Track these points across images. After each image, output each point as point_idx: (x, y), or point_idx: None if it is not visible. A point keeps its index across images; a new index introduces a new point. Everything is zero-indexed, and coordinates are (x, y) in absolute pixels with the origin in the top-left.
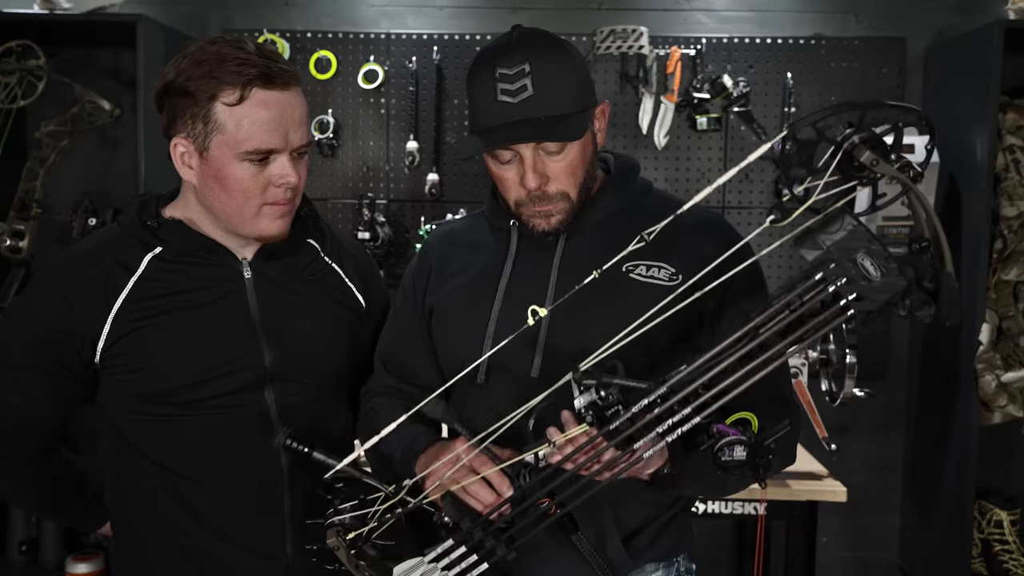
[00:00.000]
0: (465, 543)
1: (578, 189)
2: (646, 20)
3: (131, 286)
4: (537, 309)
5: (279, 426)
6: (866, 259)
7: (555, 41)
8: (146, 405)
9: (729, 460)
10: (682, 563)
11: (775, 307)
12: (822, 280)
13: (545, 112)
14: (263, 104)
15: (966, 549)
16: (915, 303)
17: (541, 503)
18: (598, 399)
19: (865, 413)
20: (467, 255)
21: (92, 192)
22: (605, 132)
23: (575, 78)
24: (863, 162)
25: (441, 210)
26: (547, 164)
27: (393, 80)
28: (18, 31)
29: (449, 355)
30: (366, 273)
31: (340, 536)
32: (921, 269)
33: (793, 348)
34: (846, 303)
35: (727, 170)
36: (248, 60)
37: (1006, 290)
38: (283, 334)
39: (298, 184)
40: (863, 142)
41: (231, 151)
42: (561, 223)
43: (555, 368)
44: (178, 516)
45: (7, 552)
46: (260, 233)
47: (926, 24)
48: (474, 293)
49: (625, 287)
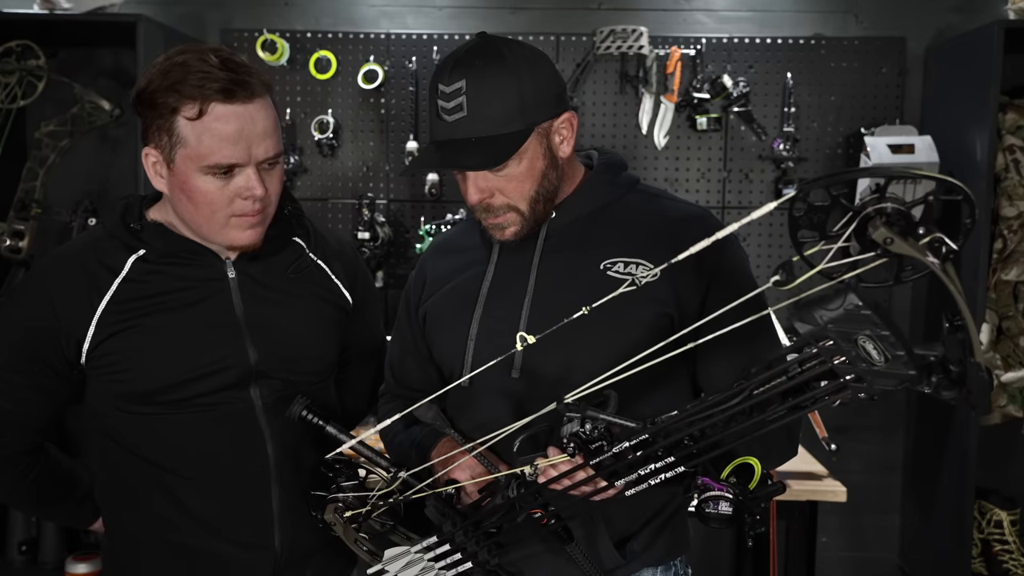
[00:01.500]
0: (449, 543)
1: (528, 202)
2: (646, 20)
3: (115, 288)
4: (525, 336)
5: (283, 411)
6: (868, 342)
7: (501, 57)
8: (133, 404)
9: (712, 513)
10: (679, 566)
11: (772, 370)
12: (817, 355)
13: (476, 133)
14: (223, 118)
15: (966, 549)
16: (941, 383)
17: (534, 513)
18: (582, 432)
19: (865, 413)
20: (456, 262)
21: (92, 192)
22: (571, 142)
23: (515, 97)
24: (875, 239)
25: (441, 210)
26: (488, 178)
27: (393, 80)
28: (18, 31)
29: (441, 359)
30: (352, 269)
31: (338, 513)
32: (950, 349)
33: (789, 417)
34: (844, 382)
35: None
36: (210, 74)
37: (1006, 290)
38: (268, 332)
39: (266, 196)
40: (878, 214)
41: (194, 164)
42: (516, 233)
43: (536, 369)
44: (167, 512)
45: (7, 552)
46: (231, 243)
47: (926, 24)
48: (460, 298)
49: (603, 285)
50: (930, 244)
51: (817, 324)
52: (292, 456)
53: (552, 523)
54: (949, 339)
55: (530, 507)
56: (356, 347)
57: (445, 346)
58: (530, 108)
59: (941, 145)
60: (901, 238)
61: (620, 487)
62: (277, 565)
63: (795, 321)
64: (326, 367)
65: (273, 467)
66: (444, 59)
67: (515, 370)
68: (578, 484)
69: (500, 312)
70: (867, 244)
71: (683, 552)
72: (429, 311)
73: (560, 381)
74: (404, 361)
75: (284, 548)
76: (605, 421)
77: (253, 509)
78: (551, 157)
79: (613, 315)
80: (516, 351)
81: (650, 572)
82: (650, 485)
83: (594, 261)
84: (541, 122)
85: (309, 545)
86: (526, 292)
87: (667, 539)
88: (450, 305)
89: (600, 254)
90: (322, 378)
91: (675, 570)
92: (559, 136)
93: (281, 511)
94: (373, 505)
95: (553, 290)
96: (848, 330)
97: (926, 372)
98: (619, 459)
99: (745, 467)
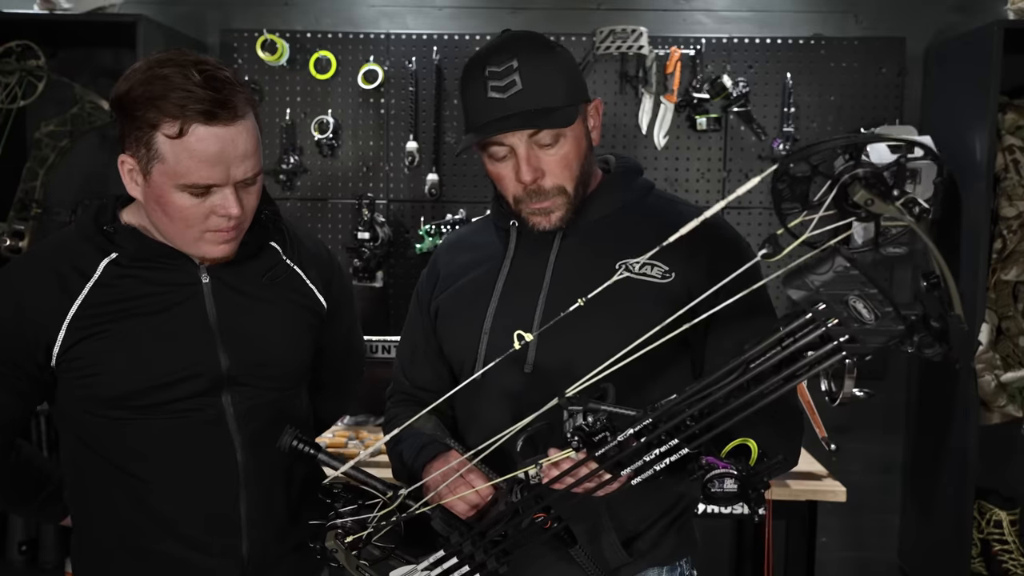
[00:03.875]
0: (456, 555)
1: (574, 183)
2: (646, 20)
3: (87, 291)
4: (523, 334)
5: (278, 429)
6: (859, 301)
7: (542, 41)
8: (102, 408)
9: (719, 492)
10: (685, 567)
11: (768, 342)
12: (812, 320)
13: (534, 105)
14: (204, 140)
15: (966, 549)
16: (923, 341)
17: (536, 518)
18: (585, 424)
19: (865, 413)
20: (471, 258)
21: (92, 192)
22: (599, 130)
23: (563, 74)
24: (856, 201)
25: (441, 210)
26: (541, 157)
27: (393, 80)
28: (18, 31)
29: (452, 355)
30: (328, 273)
31: (339, 539)
32: (930, 307)
33: (786, 387)
34: (838, 344)
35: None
36: (192, 94)
37: (1005, 290)
38: (241, 339)
39: (241, 215)
40: (856, 179)
41: (171, 181)
42: (561, 219)
43: (548, 364)
44: (134, 517)
45: (7, 552)
46: (203, 256)
47: (926, 24)
48: (474, 293)
49: (619, 285)
50: (905, 204)
51: (809, 289)
52: (261, 464)
53: (554, 526)
54: (928, 296)
55: (532, 512)
56: (331, 350)
57: (458, 340)
58: (575, 86)
59: (941, 145)
60: (880, 199)
61: (625, 477)
62: (244, 572)
63: (788, 288)
64: (298, 373)
65: (242, 474)
66: (481, 50)
67: (527, 365)
68: (582, 480)
69: (515, 308)
70: (847, 211)
71: (689, 553)
72: (442, 306)
73: (572, 377)
74: (414, 358)
75: (251, 555)
76: (607, 412)
77: (221, 516)
78: (589, 141)
79: (627, 313)
80: (527, 344)
81: (656, 572)
82: (655, 471)
83: (611, 261)
84: (584, 101)
85: (276, 552)
86: (541, 289)
87: (674, 539)
88: (464, 300)
89: (617, 255)
90: (294, 383)
91: (681, 570)
92: (592, 121)
93: (249, 518)
94: (375, 527)
95: (569, 288)
96: (839, 291)
97: (909, 330)
98: (623, 448)
99: (742, 449)
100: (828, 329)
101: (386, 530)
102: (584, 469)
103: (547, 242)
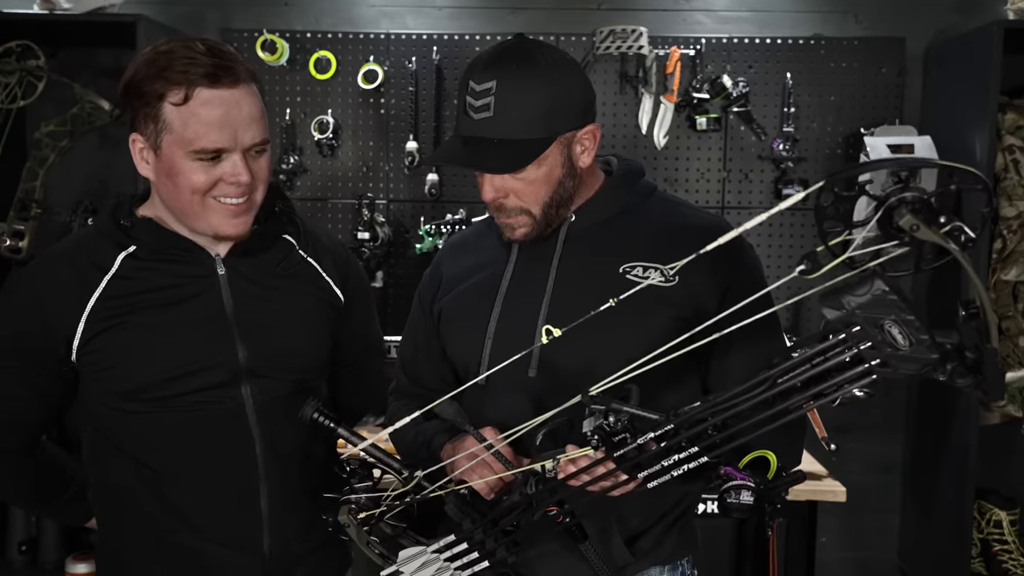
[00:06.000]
0: (467, 542)
1: (541, 207)
2: (646, 20)
3: (104, 284)
4: (551, 329)
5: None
6: (894, 327)
7: (537, 61)
8: (122, 402)
9: (734, 503)
10: (686, 566)
11: (798, 358)
12: (845, 341)
13: (499, 134)
14: (208, 103)
15: (966, 549)
16: (956, 371)
17: (549, 511)
18: (605, 424)
19: (865, 413)
20: (474, 261)
21: (92, 192)
22: (593, 153)
23: (545, 103)
24: (901, 225)
25: (441, 210)
26: (505, 180)
27: (393, 80)
28: (18, 31)
29: (456, 357)
30: (344, 267)
31: (352, 514)
32: (966, 336)
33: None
34: (869, 367)
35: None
36: (195, 60)
37: (1005, 290)
38: (258, 330)
39: (252, 182)
40: (903, 203)
41: (181, 150)
42: (526, 235)
43: (552, 367)
44: (155, 511)
45: (7, 552)
46: (215, 231)
47: (926, 24)
48: (477, 296)
49: (621, 288)
50: (950, 232)
51: (845, 310)
52: (282, 457)
53: (566, 521)
54: (965, 326)
55: (546, 504)
56: (349, 345)
57: (462, 343)
58: (555, 117)
59: (940, 145)
60: (926, 225)
61: (641, 479)
62: (266, 567)
63: (824, 307)
64: (318, 365)
65: (262, 467)
66: (479, 56)
67: (532, 368)
68: (598, 479)
69: (519, 311)
70: (890, 233)
71: (691, 552)
72: (445, 308)
73: (576, 380)
74: (416, 359)
75: (273, 551)
76: (629, 414)
77: (241, 510)
78: (570, 166)
79: (630, 316)
80: (536, 346)
81: (657, 570)
82: (672, 477)
83: (613, 264)
84: (565, 132)
85: (300, 548)
86: (545, 292)
87: (675, 538)
88: (468, 303)
89: (619, 258)
90: (314, 376)
91: (682, 570)
92: (581, 147)
93: (270, 513)
94: (388, 506)
95: (572, 291)
96: (875, 315)
97: (943, 359)
98: (642, 451)
99: (761, 461)
100: (861, 351)
101: (398, 509)
102: (601, 468)
103: (549, 246)
